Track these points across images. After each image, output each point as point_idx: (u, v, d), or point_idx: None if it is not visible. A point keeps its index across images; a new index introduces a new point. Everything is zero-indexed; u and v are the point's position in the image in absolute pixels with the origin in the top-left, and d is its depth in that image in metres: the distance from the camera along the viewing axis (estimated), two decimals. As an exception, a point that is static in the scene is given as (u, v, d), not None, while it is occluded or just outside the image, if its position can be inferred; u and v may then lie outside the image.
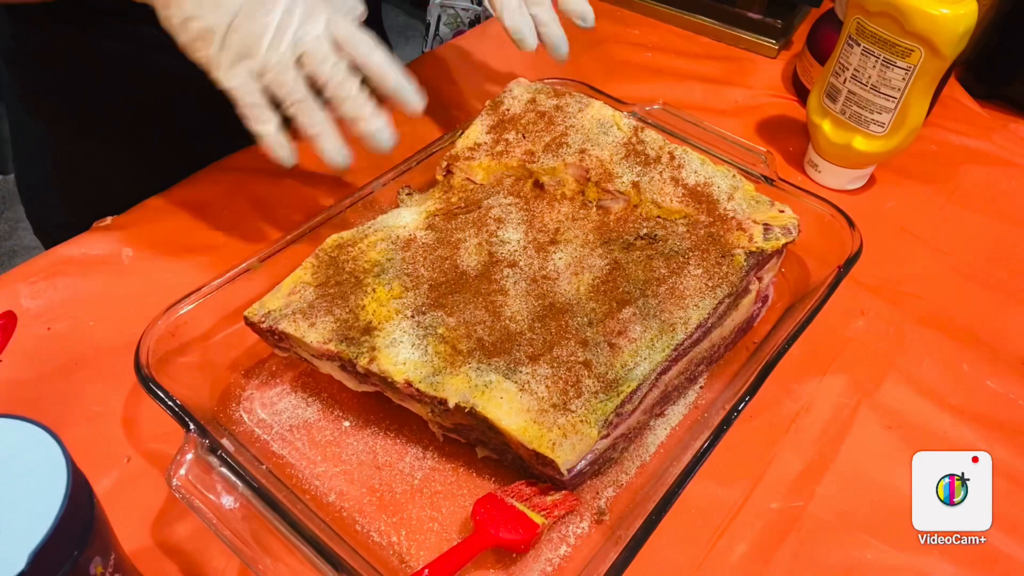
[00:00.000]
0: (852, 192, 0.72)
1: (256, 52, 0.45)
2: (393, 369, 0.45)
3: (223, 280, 0.51)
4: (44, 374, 0.53)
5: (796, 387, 0.55)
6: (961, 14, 0.58)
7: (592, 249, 0.52)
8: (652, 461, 0.49)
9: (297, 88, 0.46)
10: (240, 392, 0.52)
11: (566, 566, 0.44)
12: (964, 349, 0.58)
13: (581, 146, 0.58)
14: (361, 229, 0.54)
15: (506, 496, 0.45)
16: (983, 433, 0.53)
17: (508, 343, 0.47)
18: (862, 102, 0.66)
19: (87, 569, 0.30)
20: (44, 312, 0.56)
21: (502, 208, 0.55)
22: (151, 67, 0.64)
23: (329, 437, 0.50)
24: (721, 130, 0.63)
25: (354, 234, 0.54)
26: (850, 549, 0.47)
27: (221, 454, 0.42)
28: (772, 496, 0.49)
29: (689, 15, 0.92)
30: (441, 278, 0.50)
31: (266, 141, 0.48)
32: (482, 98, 0.67)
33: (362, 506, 0.47)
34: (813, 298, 0.53)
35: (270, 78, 0.46)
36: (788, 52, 0.90)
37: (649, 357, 0.46)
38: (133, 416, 0.51)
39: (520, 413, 0.43)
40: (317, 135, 0.47)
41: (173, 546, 0.45)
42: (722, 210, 0.54)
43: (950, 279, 0.64)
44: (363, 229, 0.54)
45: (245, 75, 0.45)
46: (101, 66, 0.64)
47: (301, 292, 0.50)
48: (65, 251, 0.61)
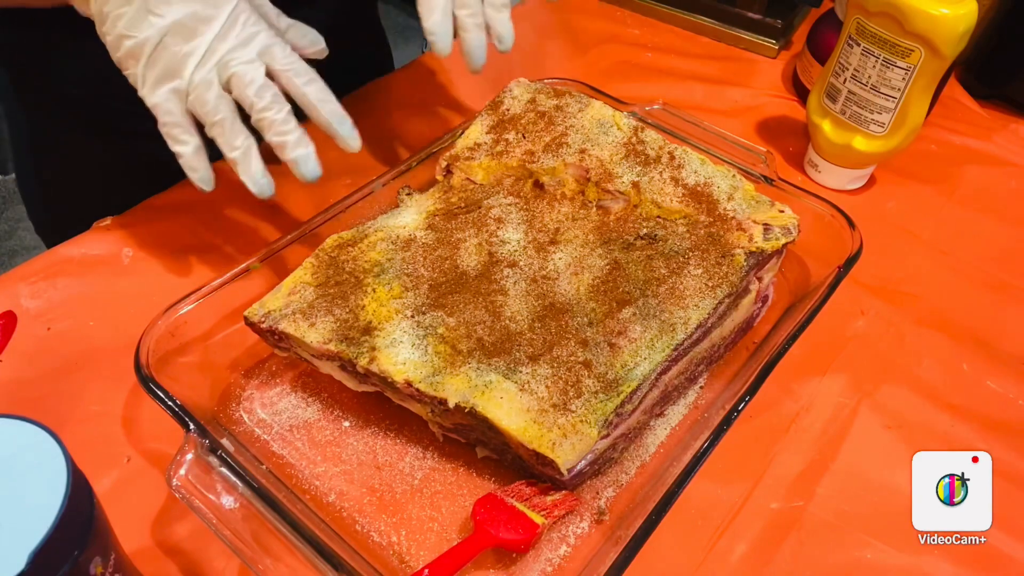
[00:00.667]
0: (852, 192, 0.71)
1: (182, 72, 0.44)
2: (393, 369, 0.45)
3: (223, 280, 0.51)
4: (44, 374, 0.53)
5: (796, 387, 0.55)
6: (961, 14, 0.58)
7: (592, 249, 0.52)
8: (652, 461, 0.49)
9: (218, 109, 0.45)
10: (240, 392, 0.52)
11: (566, 566, 0.44)
12: (964, 349, 0.58)
13: (581, 146, 0.58)
14: (361, 229, 0.54)
15: (506, 496, 0.45)
16: (983, 433, 0.53)
17: (508, 343, 0.47)
18: (862, 102, 0.66)
19: (87, 569, 0.30)
20: (44, 312, 0.56)
21: (502, 208, 0.55)
22: None
23: (329, 437, 0.50)
24: (721, 130, 0.63)
25: (354, 234, 0.54)
26: (850, 549, 0.47)
27: (221, 454, 0.42)
28: (772, 496, 0.49)
29: (689, 15, 0.92)
30: (441, 278, 0.50)
31: (181, 161, 0.47)
32: (482, 98, 0.67)
33: (362, 506, 0.47)
34: (813, 298, 0.53)
35: (192, 98, 0.45)
36: (788, 52, 0.90)
37: (649, 357, 0.46)
38: (133, 416, 0.51)
39: (520, 413, 0.43)
40: (235, 159, 0.46)
41: (173, 546, 0.45)
42: (722, 210, 0.54)
43: (950, 279, 0.64)
44: (363, 229, 0.54)
45: (168, 94, 0.45)
46: (99, 66, 0.64)
47: (301, 292, 0.50)
48: (65, 251, 0.61)
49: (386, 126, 0.77)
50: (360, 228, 0.55)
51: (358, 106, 0.80)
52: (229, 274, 0.52)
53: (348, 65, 0.80)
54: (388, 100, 0.80)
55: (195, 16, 0.44)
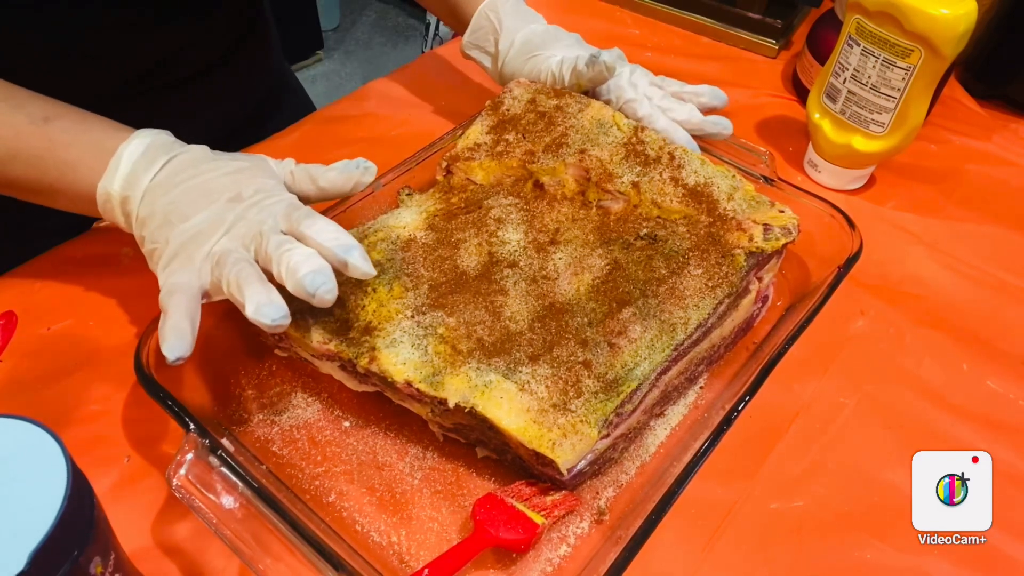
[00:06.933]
0: (852, 192, 0.72)
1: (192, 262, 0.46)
2: (393, 369, 0.45)
3: (223, 280, 0.51)
4: (44, 374, 0.53)
5: (796, 387, 0.55)
6: (961, 14, 0.58)
7: (592, 249, 0.52)
8: (652, 461, 0.49)
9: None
10: (240, 392, 0.52)
11: (566, 566, 0.44)
12: (964, 349, 0.58)
13: (581, 146, 0.58)
14: (361, 229, 0.54)
15: (506, 496, 0.45)
16: (983, 433, 0.53)
17: (508, 343, 0.47)
18: (862, 102, 0.66)
19: (87, 569, 0.30)
20: (44, 312, 0.56)
21: (502, 208, 0.55)
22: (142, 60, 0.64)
23: (329, 437, 0.50)
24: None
25: (354, 234, 0.53)
26: (850, 549, 0.47)
27: (221, 454, 0.42)
28: (772, 496, 0.49)
29: (689, 15, 0.92)
30: (441, 278, 0.50)
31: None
32: (482, 98, 0.67)
33: (362, 506, 0.47)
34: (813, 298, 0.53)
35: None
36: (788, 52, 0.90)
37: (649, 357, 0.46)
38: (133, 416, 0.51)
39: (520, 413, 0.43)
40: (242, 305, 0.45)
41: (173, 546, 0.45)
42: (722, 210, 0.54)
43: (950, 279, 0.64)
44: (363, 229, 0.54)
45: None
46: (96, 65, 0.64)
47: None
48: (65, 251, 0.61)
49: (386, 126, 0.77)
50: (360, 228, 0.55)
51: (358, 106, 0.80)
52: (229, 274, 0.51)
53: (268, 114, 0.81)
54: (388, 100, 0.80)
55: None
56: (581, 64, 0.61)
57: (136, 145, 0.49)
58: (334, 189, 0.51)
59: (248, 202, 0.47)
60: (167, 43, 0.64)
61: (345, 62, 2.57)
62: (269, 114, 0.81)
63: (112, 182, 0.48)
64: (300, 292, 0.42)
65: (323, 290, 0.42)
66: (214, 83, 0.71)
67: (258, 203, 0.47)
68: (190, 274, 0.44)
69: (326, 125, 0.77)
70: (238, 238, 0.46)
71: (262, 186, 0.48)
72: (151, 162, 0.48)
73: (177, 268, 0.45)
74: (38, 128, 0.49)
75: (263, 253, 0.44)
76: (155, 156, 0.48)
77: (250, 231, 0.46)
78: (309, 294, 0.42)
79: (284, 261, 0.43)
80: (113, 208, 0.49)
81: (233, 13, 0.70)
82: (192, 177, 0.48)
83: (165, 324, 0.42)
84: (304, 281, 0.41)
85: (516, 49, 0.67)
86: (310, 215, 0.45)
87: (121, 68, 0.63)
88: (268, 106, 0.82)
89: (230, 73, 0.73)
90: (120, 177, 0.48)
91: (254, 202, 0.47)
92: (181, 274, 0.44)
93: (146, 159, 0.48)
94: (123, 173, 0.48)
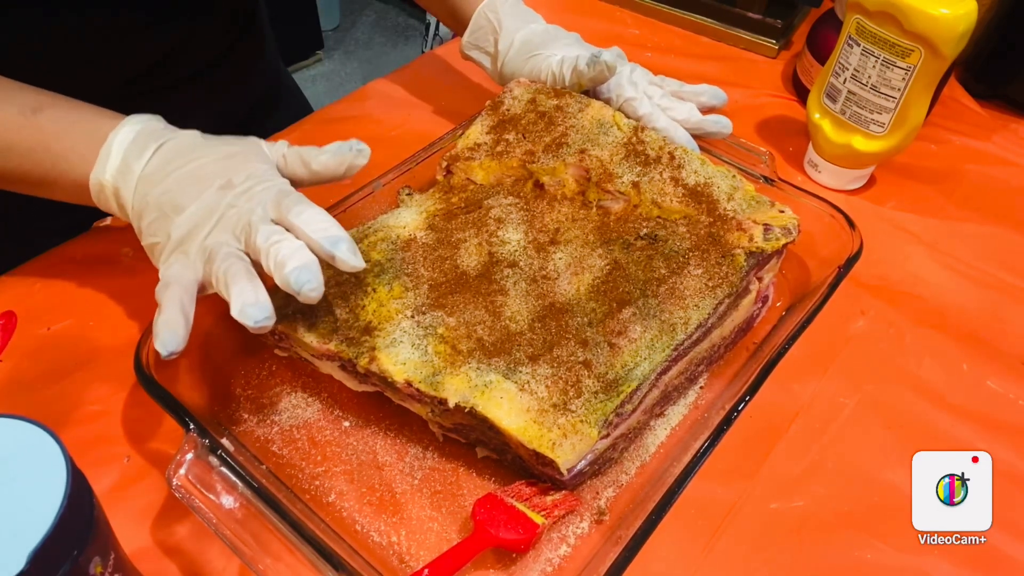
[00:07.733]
0: (852, 192, 0.72)
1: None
2: (393, 369, 0.45)
3: (223, 280, 0.51)
4: (44, 374, 0.53)
5: (796, 387, 0.55)
6: (961, 14, 0.58)
7: (592, 249, 0.52)
8: (652, 461, 0.49)
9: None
10: (240, 392, 0.52)
11: (566, 566, 0.44)
12: (964, 349, 0.58)
13: (581, 146, 0.58)
14: (361, 229, 0.54)
15: (506, 496, 0.45)
16: (983, 433, 0.53)
17: (508, 343, 0.47)
18: (862, 102, 0.66)
19: (87, 569, 0.30)
20: (44, 312, 0.56)
21: (502, 208, 0.55)
22: (140, 61, 0.64)
23: (329, 437, 0.50)
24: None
25: (354, 234, 0.53)
26: (850, 549, 0.47)
27: (221, 454, 0.42)
28: (772, 496, 0.49)
29: (689, 15, 0.92)
30: (441, 278, 0.50)
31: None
32: (482, 98, 0.67)
33: (362, 506, 0.47)
34: (813, 298, 0.53)
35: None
36: (788, 52, 0.90)
37: (649, 357, 0.46)
38: (133, 416, 0.51)
39: (520, 413, 0.43)
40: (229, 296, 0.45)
41: (173, 546, 0.45)
42: (722, 210, 0.54)
43: (950, 279, 0.64)
44: (363, 229, 0.54)
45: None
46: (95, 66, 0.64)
47: (301, 292, 0.50)
48: (65, 251, 0.61)
49: (386, 126, 0.77)
50: (360, 228, 0.55)
51: (358, 106, 0.80)
52: (229, 274, 0.51)
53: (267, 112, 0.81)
54: (388, 100, 0.80)
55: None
56: (582, 64, 0.61)
57: (126, 132, 0.48)
58: (327, 172, 0.50)
59: (239, 189, 0.47)
60: (164, 45, 0.64)
61: (345, 62, 2.58)
62: (266, 115, 0.81)
63: (104, 172, 0.48)
64: (286, 288, 0.42)
65: (308, 288, 0.41)
66: (210, 84, 0.71)
67: (248, 190, 0.47)
68: (185, 267, 0.44)
69: (326, 125, 0.77)
70: (228, 228, 0.45)
71: (253, 171, 0.48)
72: (142, 149, 0.48)
73: (173, 261, 0.45)
74: (28, 120, 0.48)
75: (252, 245, 0.44)
76: (146, 143, 0.48)
77: (240, 221, 0.45)
78: (295, 291, 0.41)
79: (272, 254, 0.42)
80: (107, 198, 0.48)
81: (229, 14, 0.70)
82: (183, 165, 0.47)
83: (158, 319, 0.42)
84: (290, 277, 0.41)
85: (516, 49, 0.67)
86: (299, 202, 0.45)
87: (120, 69, 0.63)
88: (265, 107, 0.82)
89: (226, 74, 0.73)
90: (111, 167, 0.47)
91: (244, 189, 0.47)
92: (176, 267, 0.44)
93: (136, 146, 0.48)
94: (114, 162, 0.48)
